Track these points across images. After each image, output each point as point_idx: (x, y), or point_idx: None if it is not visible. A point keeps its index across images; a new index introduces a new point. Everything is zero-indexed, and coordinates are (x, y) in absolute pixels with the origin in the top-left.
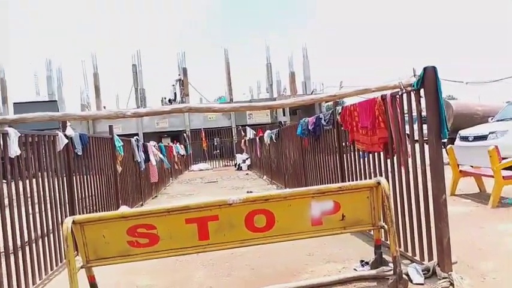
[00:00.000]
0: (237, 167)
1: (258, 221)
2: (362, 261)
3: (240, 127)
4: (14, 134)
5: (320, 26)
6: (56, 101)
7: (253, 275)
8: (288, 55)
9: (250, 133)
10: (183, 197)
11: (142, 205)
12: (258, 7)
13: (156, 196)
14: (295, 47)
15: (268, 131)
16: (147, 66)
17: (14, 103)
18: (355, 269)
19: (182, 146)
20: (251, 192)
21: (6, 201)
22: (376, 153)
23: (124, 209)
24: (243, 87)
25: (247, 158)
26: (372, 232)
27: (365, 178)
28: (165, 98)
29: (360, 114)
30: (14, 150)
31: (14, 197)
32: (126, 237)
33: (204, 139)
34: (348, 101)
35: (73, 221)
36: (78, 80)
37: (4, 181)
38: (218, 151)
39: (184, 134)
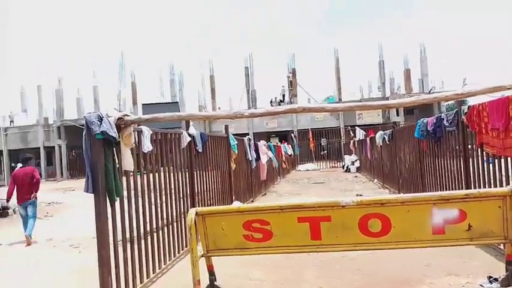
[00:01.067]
0: (345, 168)
1: (373, 226)
2: (490, 277)
3: (349, 127)
4: (147, 132)
5: (438, 21)
6: (177, 102)
7: (365, 280)
8: (403, 52)
9: (360, 134)
10: (291, 196)
11: (252, 201)
12: (370, 4)
13: (265, 194)
14: (411, 43)
15: (380, 132)
16: (257, 67)
17: (143, 104)
18: (481, 286)
19: (290, 146)
20: (361, 195)
21: (136, 192)
22: (509, 158)
23: (238, 204)
24: (352, 86)
25: (356, 160)
26: (501, 246)
27: (494, 186)
28: (275, 99)
29: (490, 115)
30: (147, 146)
31: (146, 189)
32: (242, 231)
33: (311, 139)
34: (472, 101)
35: (196, 212)
36: (196, 82)
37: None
38: (325, 152)
39: (292, 134)
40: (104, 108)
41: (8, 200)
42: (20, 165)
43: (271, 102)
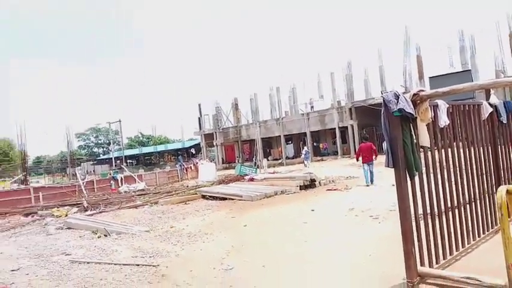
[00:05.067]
0: None
1: None
2: None
3: None
4: (443, 106)
5: None
6: (469, 70)
7: None
8: None
9: None
10: None
11: None
12: None
13: None
14: None
15: None
16: None
17: (430, 77)
18: None
19: None
20: None
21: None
22: None
23: None
24: None
25: None
26: None
27: None
28: None
29: None
30: (444, 120)
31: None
32: None
33: None
34: None
35: (507, 190)
36: (490, 46)
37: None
38: None
39: None
40: (390, 86)
41: (357, 160)
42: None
43: None
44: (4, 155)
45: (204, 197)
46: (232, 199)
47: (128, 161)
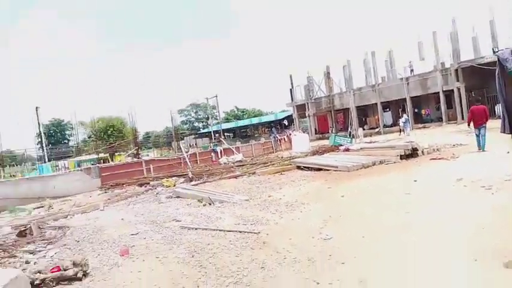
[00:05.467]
0: None
1: None
2: None
3: None
4: None
5: None
6: None
7: None
8: None
9: None
10: None
11: None
12: None
13: None
14: None
15: None
16: None
17: None
18: None
19: None
20: None
21: None
22: None
23: None
24: None
25: None
26: None
27: None
28: None
29: None
30: None
31: None
32: None
33: None
34: None
35: None
36: None
37: None
38: None
39: None
40: (503, 43)
41: (468, 125)
42: None
43: None
44: (118, 132)
45: (298, 167)
46: (327, 170)
47: (225, 134)
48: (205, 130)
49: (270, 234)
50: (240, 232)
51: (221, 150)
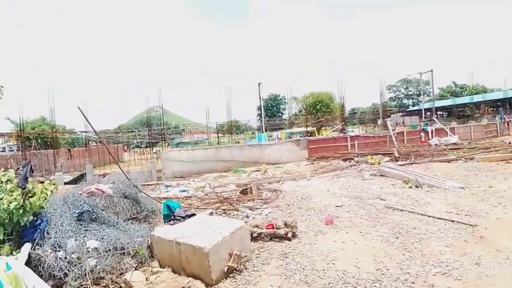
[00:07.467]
0: None
1: None
2: None
3: None
4: None
5: None
6: None
7: None
8: None
9: None
10: None
11: None
12: None
13: None
14: None
15: None
16: None
17: None
18: None
19: None
20: None
21: None
22: None
23: None
24: None
25: None
26: None
27: None
28: None
29: None
30: None
31: None
32: None
33: None
34: None
35: None
36: None
37: None
38: None
39: None
40: None
41: None
42: None
43: None
44: (326, 107)
45: None
46: None
47: (439, 112)
48: (415, 108)
49: (489, 229)
50: (453, 221)
51: (432, 130)
